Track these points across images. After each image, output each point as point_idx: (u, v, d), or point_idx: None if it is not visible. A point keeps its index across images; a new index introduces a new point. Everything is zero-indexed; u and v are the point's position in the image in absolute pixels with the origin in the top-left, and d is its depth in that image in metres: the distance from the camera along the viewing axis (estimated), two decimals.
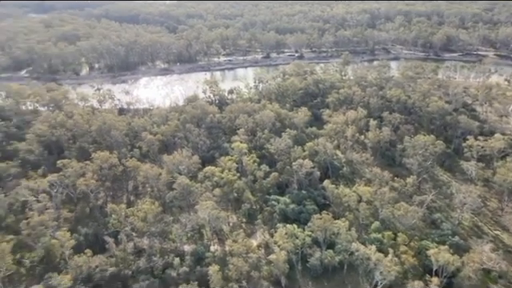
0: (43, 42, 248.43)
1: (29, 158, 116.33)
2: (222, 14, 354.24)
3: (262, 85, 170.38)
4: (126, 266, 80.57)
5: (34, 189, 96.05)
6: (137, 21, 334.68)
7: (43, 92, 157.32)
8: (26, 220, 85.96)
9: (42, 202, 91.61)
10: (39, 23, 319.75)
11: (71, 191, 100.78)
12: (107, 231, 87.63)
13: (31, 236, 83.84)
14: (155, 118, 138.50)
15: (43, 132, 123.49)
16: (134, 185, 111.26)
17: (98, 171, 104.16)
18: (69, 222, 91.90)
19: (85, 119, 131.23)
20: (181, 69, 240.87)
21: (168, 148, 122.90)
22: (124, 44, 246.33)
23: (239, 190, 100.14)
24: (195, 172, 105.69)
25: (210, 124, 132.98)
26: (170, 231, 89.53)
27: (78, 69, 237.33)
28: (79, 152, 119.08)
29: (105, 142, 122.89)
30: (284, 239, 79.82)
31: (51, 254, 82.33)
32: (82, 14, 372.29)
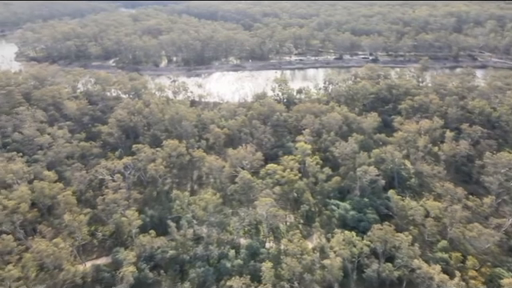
0: (130, 34, 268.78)
1: (109, 140, 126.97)
2: (298, 13, 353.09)
3: (331, 86, 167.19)
4: (185, 251, 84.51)
5: (110, 169, 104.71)
6: (215, 17, 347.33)
7: (126, 81, 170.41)
8: (101, 196, 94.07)
9: (116, 181, 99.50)
10: (128, 17, 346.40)
11: (142, 174, 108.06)
12: (170, 216, 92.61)
13: (105, 211, 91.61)
14: (224, 112, 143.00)
15: (123, 117, 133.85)
16: (199, 175, 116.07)
17: (167, 158, 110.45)
18: (137, 203, 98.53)
19: (159, 108, 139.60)
20: (252, 66, 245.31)
21: (233, 142, 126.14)
22: (201, 39, 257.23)
23: (299, 191, 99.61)
24: (257, 168, 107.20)
25: (276, 122, 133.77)
26: (228, 223, 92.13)
27: (157, 61, 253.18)
28: (152, 139, 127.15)
29: (175, 132, 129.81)
30: (341, 245, 77.86)
31: (120, 230, 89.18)
32: (165, 9, 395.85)
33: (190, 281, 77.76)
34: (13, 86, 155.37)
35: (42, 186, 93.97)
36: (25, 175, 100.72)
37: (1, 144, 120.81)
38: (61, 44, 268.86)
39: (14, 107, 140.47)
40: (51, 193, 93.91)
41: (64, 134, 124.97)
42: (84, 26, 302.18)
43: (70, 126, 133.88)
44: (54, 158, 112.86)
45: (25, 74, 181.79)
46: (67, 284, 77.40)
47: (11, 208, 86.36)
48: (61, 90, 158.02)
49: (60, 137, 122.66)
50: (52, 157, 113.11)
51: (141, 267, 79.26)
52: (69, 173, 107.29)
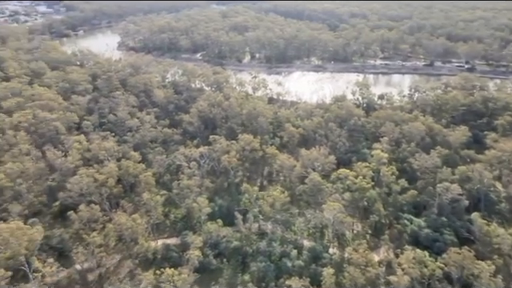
0: (218, 30, 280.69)
1: (189, 129, 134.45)
2: (388, 15, 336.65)
3: (417, 94, 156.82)
4: (248, 244, 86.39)
5: (188, 156, 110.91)
6: (301, 17, 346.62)
7: (210, 74, 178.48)
8: (177, 181, 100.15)
9: (192, 169, 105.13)
10: (218, 13, 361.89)
11: (216, 165, 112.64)
12: (238, 208, 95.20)
13: (179, 196, 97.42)
14: (300, 112, 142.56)
15: (204, 108, 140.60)
16: (269, 171, 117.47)
17: (241, 152, 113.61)
18: (209, 192, 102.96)
19: (238, 103, 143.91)
20: (334, 67, 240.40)
21: (307, 143, 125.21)
22: (285, 38, 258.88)
23: (370, 200, 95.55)
24: (329, 171, 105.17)
25: (353, 127, 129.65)
26: (293, 223, 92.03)
27: (241, 57, 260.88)
28: (228, 131, 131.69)
29: (251, 127, 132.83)
30: (410, 263, 73.08)
31: (191, 215, 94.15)
32: (253, 7, 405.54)
33: (250, 273, 79.39)
34: (113, 73, 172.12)
35: (127, 164, 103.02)
36: (114, 153, 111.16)
37: (98, 123, 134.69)
38: (156, 36, 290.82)
39: (112, 91, 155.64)
40: (134, 172, 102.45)
41: (151, 120, 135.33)
42: (178, 21, 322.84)
43: (156, 113, 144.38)
44: (140, 141, 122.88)
45: (123, 62, 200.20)
46: (140, 257, 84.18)
47: (101, 181, 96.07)
48: (152, 79, 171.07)
49: (147, 122, 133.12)
50: (138, 139, 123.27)
51: (206, 253, 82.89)
52: (151, 155, 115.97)
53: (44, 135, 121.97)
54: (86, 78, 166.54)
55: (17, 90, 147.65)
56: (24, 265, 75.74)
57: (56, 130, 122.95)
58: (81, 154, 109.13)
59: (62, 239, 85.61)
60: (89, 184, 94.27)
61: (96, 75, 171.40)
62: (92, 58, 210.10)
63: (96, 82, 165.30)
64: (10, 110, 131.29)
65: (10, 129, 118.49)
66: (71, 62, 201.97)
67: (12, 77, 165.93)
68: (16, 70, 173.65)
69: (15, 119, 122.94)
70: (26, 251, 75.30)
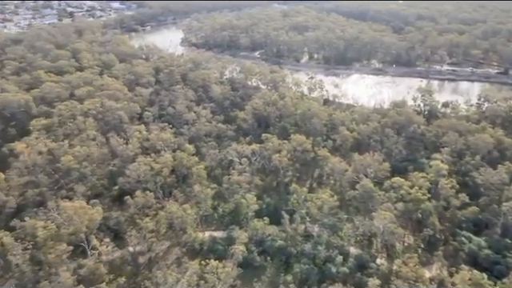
0: (277, 29, 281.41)
1: (243, 125, 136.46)
2: (460, 17, 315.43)
3: (487, 104, 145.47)
4: (293, 245, 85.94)
5: (240, 152, 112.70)
6: (364, 17, 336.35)
7: (267, 72, 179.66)
8: (228, 176, 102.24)
9: (243, 165, 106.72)
10: (279, 13, 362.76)
11: (266, 163, 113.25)
12: (286, 207, 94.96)
13: (228, 190, 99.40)
14: (356, 116, 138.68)
15: (258, 106, 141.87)
16: (320, 173, 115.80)
17: (292, 152, 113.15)
18: (257, 189, 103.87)
19: (293, 103, 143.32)
20: (395, 71, 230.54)
21: (360, 147, 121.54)
22: (345, 39, 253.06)
23: (425, 213, 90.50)
24: (382, 179, 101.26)
25: (412, 134, 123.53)
26: (340, 228, 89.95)
27: (299, 57, 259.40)
28: (281, 130, 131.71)
29: (304, 127, 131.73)
30: (466, 285, 68.28)
31: (238, 210, 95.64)
32: (315, 7, 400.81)
33: (292, 274, 78.94)
34: (174, 67, 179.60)
35: (182, 156, 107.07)
36: (171, 144, 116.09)
37: (158, 115, 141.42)
38: (217, 34, 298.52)
39: (172, 85, 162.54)
40: (188, 164, 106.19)
41: (206, 114, 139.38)
42: (239, 19, 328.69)
43: (212, 108, 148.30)
44: (195, 134, 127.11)
45: (185, 58, 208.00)
46: (187, 246, 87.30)
47: (156, 170, 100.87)
48: (210, 75, 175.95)
49: (203, 116, 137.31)
50: (194, 132, 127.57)
51: (250, 249, 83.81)
52: (205, 149, 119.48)
53: (109, 123, 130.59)
54: (149, 71, 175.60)
55: (88, 80, 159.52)
56: (83, 242, 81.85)
57: (120, 118, 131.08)
58: (140, 143, 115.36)
59: (118, 221, 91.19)
60: (145, 172, 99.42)
61: (159, 69, 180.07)
62: (156, 53, 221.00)
63: (159, 75, 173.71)
64: (81, 98, 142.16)
65: (81, 115, 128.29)
66: (138, 55, 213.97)
67: (85, 67, 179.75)
68: (89, 61, 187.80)
69: (85, 106, 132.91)
70: (86, 229, 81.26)
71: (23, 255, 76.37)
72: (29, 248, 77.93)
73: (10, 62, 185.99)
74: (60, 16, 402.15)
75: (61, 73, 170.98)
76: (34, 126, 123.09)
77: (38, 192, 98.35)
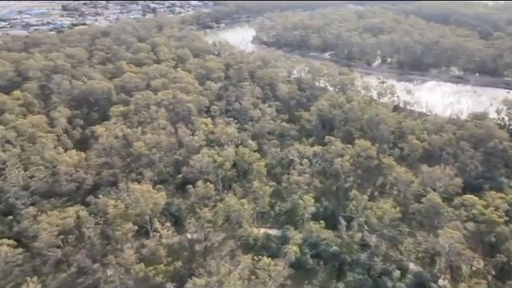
0: (350, 30, 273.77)
1: (306, 126, 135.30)
2: None
3: None
4: (348, 252, 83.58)
5: (301, 153, 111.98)
6: (446, 21, 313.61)
7: (335, 74, 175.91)
8: (287, 175, 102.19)
9: (303, 166, 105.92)
10: (353, 13, 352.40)
11: (327, 166, 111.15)
12: (343, 213, 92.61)
13: (286, 190, 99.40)
14: (428, 125, 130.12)
15: (324, 108, 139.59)
16: (383, 182, 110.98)
17: (355, 157, 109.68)
18: (316, 191, 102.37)
19: (360, 107, 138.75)
20: (478, 80, 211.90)
21: (430, 159, 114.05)
22: (423, 43, 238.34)
23: (500, 236, 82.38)
24: (451, 195, 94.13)
25: (491, 150, 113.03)
26: (401, 241, 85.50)
27: (371, 60, 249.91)
28: (345, 134, 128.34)
29: (370, 133, 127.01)
30: None
31: (295, 210, 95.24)
32: (393, 8, 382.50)
33: (345, 282, 76.92)
34: (244, 64, 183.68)
35: (244, 151, 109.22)
36: (234, 139, 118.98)
37: (224, 109, 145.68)
38: (288, 33, 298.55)
39: (241, 81, 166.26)
40: (249, 160, 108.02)
41: (271, 112, 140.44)
42: (311, 19, 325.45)
43: (277, 106, 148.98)
44: (258, 131, 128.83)
45: (255, 56, 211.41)
46: (242, 240, 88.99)
47: (219, 163, 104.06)
48: (278, 73, 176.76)
49: (268, 114, 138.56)
50: (257, 129, 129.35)
51: (304, 251, 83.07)
52: (267, 146, 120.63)
53: (179, 114, 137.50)
54: (220, 66, 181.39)
55: (164, 72, 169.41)
56: (147, 223, 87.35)
57: (189, 110, 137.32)
58: (206, 135, 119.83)
59: (180, 208, 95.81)
60: (208, 163, 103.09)
61: (229, 65, 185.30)
62: (228, 49, 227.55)
63: (228, 71, 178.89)
64: (156, 89, 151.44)
65: (154, 105, 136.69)
66: (210, 51, 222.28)
67: (162, 60, 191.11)
68: (166, 54, 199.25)
69: (159, 97, 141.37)
70: (151, 212, 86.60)
71: (95, 229, 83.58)
72: (100, 223, 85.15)
73: (97, 53, 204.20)
74: (144, 11, 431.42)
75: (140, 64, 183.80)
76: (113, 112, 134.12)
77: (111, 173, 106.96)
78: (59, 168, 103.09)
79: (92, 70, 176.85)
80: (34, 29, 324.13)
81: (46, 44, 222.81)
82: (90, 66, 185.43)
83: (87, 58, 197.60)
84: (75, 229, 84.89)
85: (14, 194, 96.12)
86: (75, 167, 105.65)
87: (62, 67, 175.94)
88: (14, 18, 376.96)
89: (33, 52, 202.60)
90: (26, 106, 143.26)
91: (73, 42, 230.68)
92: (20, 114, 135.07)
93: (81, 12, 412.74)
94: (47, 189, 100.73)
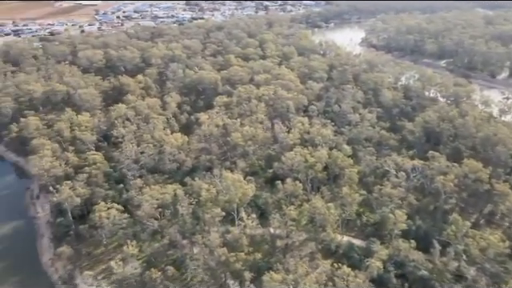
0: (475, 37, 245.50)
1: (408, 137, 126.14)
2: None
3: None
4: (439, 280, 76.38)
5: (398, 164, 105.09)
6: None
7: (449, 84, 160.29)
8: (380, 186, 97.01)
9: (399, 178, 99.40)
10: (480, 18, 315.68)
11: (427, 183, 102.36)
12: (439, 236, 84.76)
13: (377, 201, 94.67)
14: None
15: (431, 120, 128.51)
16: (492, 210, 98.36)
17: (462, 178, 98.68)
18: (410, 208, 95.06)
19: (475, 123, 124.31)
20: None
21: None
22: None
23: None
24: None
25: None
26: (505, 281, 75.00)
27: (496, 71, 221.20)
28: (452, 151, 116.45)
29: (483, 154, 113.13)
30: None
31: (383, 224, 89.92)
32: None
33: None
34: (348, 66, 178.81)
35: (337, 155, 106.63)
36: (329, 141, 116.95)
37: (322, 111, 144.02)
38: (401, 36, 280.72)
39: (343, 83, 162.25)
40: (342, 164, 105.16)
41: (371, 118, 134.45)
42: (429, 22, 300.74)
43: (378, 113, 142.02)
44: (355, 136, 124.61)
45: (361, 58, 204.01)
46: (323, 244, 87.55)
47: (310, 163, 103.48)
48: (384, 79, 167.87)
49: (367, 119, 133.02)
50: (354, 134, 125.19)
51: (388, 268, 78.20)
52: (362, 153, 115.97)
53: (277, 110, 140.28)
54: (323, 67, 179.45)
55: (268, 68, 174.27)
56: (234, 211, 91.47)
57: (287, 108, 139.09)
58: (300, 134, 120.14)
59: (266, 202, 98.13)
60: (299, 162, 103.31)
61: (333, 66, 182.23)
62: (333, 50, 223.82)
63: (331, 72, 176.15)
64: (259, 84, 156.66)
65: (255, 99, 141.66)
66: (315, 50, 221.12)
67: (268, 56, 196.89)
68: (272, 51, 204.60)
69: (260, 92, 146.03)
70: (239, 201, 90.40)
71: (188, 208, 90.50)
72: (193, 204, 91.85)
73: (210, 45, 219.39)
74: (257, 9, 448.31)
75: (247, 59, 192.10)
76: (217, 101, 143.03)
77: (208, 158, 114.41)
78: (165, 148, 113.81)
79: (203, 61, 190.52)
80: (160, 21, 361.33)
81: (168, 35, 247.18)
82: (203, 57, 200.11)
83: (201, 50, 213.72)
84: (171, 205, 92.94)
85: (126, 166, 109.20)
86: (178, 149, 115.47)
87: (179, 57, 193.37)
88: (146, 10, 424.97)
89: (157, 42, 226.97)
90: (146, 89, 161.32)
91: (190, 34, 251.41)
92: (140, 95, 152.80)
93: (201, 7, 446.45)
94: (153, 165, 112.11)
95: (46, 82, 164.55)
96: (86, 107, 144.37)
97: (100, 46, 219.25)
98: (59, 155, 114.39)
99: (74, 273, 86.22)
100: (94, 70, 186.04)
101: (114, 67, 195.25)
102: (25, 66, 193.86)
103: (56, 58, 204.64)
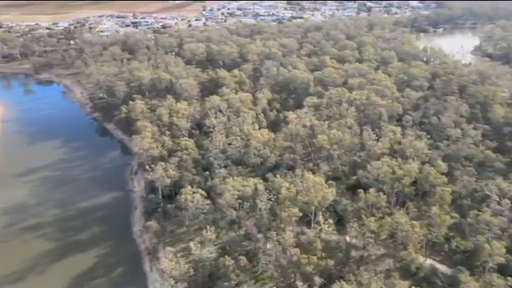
0: None
1: None
2: None
3: None
4: None
5: (502, 190, 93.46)
6: None
7: None
8: (477, 211, 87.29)
9: (501, 206, 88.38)
10: None
11: None
12: None
13: (471, 227, 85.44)
14: None
15: None
16: None
17: None
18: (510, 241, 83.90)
19: None
20: None
21: None
22: None
23: None
24: None
25: None
26: None
27: None
28: None
29: None
30: None
31: (476, 254, 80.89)
32: None
33: None
34: (454, 76, 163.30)
35: (430, 171, 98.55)
36: (421, 155, 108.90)
37: (418, 121, 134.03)
38: None
39: (446, 94, 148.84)
40: (434, 181, 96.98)
41: (475, 136, 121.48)
42: None
43: (485, 130, 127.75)
44: (453, 153, 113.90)
45: (471, 68, 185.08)
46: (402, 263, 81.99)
47: (397, 176, 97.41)
48: (496, 93, 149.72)
49: (470, 136, 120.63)
50: (453, 151, 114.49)
51: None
52: (459, 172, 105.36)
53: (368, 116, 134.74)
54: (425, 75, 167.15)
55: (363, 72, 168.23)
56: (311, 214, 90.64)
57: (379, 115, 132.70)
58: (390, 144, 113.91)
59: (346, 209, 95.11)
60: (386, 173, 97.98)
61: (436, 74, 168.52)
62: (439, 57, 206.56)
63: (434, 81, 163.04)
64: (351, 87, 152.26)
65: (346, 102, 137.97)
66: (418, 57, 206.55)
67: (364, 60, 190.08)
68: (370, 54, 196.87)
69: (353, 96, 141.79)
70: (317, 204, 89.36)
71: (266, 204, 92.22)
72: (271, 200, 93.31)
73: (306, 45, 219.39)
74: (359, 10, 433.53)
75: (342, 61, 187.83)
76: (307, 102, 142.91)
77: (292, 157, 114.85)
78: (251, 142, 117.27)
79: (298, 60, 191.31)
80: (260, 18, 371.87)
81: (267, 32, 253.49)
82: (298, 56, 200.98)
83: (297, 49, 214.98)
84: (251, 198, 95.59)
85: (214, 155, 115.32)
86: (264, 145, 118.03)
87: (274, 54, 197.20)
88: (248, 8, 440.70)
89: (255, 38, 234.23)
90: (240, 84, 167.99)
91: (288, 33, 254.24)
92: (234, 89, 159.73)
93: (301, 6, 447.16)
94: (238, 157, 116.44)
95: (153, 71, 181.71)
96: (184, 96, 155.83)
97: (203, 40, 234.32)
98: (157, 138, 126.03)
99: (157, 246, 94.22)
100: (196, 62, 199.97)
101: (214, 61, 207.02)
102: (138, 54, 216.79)
103: (165, 48, 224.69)
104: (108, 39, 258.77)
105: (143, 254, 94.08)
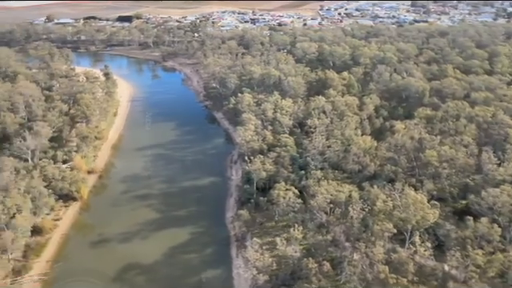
0: None
1: None
2: None
3: None
4: None
5: None
6: None
7: None
8: None
9: None
10: None
11: None
12: None
13: None
14: None
15: None
16: None
17: None
18: None
19: None
20: None
21: None
22: None
23: None
24: None
25: None
26: None
27: None
28: None
29: None
30: None
31: None
32: None
33: None
34: None
35: None
36: None
37: None
38: None
39: None
40: None
41: None
42: None
43: None
44: None
45: None
46: None
47: None
48: None
49: None
50: None
51: None
52: None
53: (491, 136, 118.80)
54: None
55: (492, 86, 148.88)
56: (406, 232, 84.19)
57: (505, 136, 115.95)
58: None
59: (448, 235, 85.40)
60: (505, 204, 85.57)
61: None
62: None
63: None
64: (475, 102, 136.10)
65: (465, 118, 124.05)
66: None
67: (496, 72, 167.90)
68: (504, 66, 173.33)
69: (474, 111, 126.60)
70: (415, 224, 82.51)
71: (359, 213, 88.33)
72: (365, 210, 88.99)
73: (427, 51, 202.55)
74: (497, 15, 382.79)
75: (467, 72, 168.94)
76: (418, 112, 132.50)
77: (393, 170, 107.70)
78: (352, 147, 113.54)
79: (415, 67, 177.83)
80: (379, 20, 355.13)
81: (384, 36, 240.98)
82: (415, 63, 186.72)
83: (415, 55, 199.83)
84: (344, 204, 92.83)
85: (311, 155, 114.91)
86: (364, 152, 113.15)
87: (389, 59, 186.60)
88: (367, 9, 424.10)
89: (370, 41, 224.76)
90: (347, 87, 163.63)
91: (407, 37, 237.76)
92: (340, 92, 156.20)
93: (427, 9, 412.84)
94: (336, 161, 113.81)
95: (264, 66, 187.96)
96: (290, 94, 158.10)
97: (316, 39, 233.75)
98: (259, 131, 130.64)
99: (246, 235, 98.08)
100: (306, 61, 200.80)
101: (324, 61, 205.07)
102: (252, 50, 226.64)
103: (278, 46, 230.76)
104: (227, 33, 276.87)
105: (232, 240, 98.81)
